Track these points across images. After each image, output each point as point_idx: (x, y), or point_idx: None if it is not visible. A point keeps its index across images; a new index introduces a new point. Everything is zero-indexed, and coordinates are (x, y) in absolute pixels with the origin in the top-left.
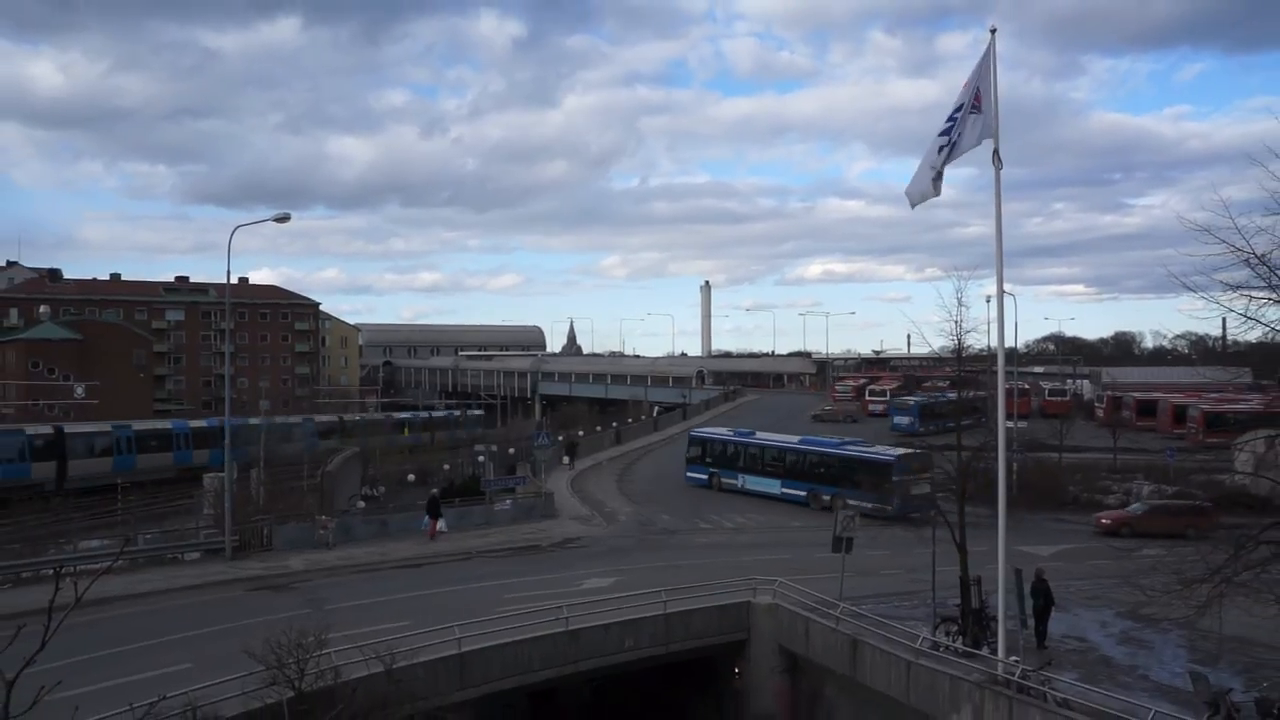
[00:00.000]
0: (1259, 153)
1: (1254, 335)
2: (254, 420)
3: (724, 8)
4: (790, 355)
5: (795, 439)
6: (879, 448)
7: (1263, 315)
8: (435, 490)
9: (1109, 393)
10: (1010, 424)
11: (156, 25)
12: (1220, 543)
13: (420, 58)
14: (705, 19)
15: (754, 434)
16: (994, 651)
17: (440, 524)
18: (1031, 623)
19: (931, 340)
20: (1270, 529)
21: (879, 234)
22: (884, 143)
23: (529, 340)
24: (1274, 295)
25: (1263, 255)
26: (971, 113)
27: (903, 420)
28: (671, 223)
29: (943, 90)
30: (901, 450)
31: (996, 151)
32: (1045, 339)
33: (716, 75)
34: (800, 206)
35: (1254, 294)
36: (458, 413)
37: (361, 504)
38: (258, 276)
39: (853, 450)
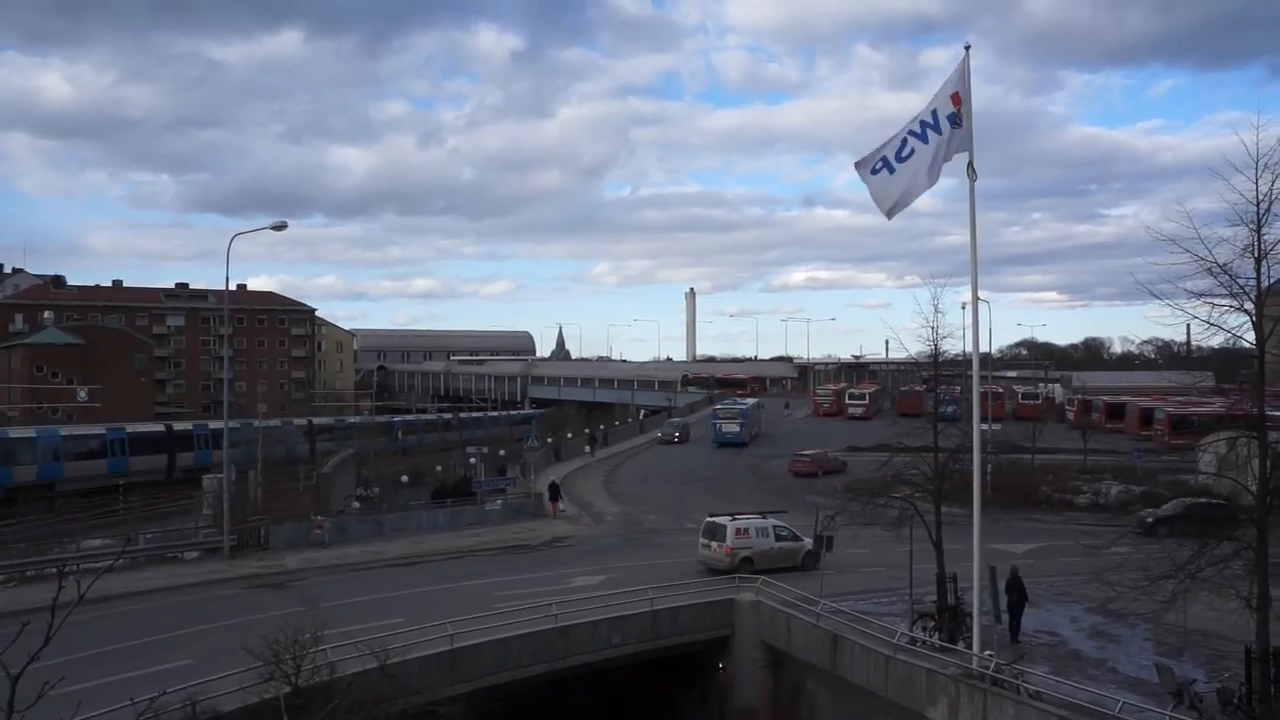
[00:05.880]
0: (1222, 167)
1: (1216, 341)
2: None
3: (715, 21)
4: (772, 360)
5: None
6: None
7: (1224, 321)
8: (555, 479)
9: (1079, 396)
10: (985, 426)
11: (163, 38)
12: (1185, 540)
13: (420, 70)
14: (698, 32)
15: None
16: (969, 646)
17: (561, 505)
18: (1005, 618)
19: (909, 346)
20: (1232, 526)
21: (861, 242)
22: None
23: (519, 345)
24: (1235, 303)
25: (1225, 264)
26: (954, 127)
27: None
28: (661, 231)
29: (926, 103)
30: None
31: (971, 164)
32: (1018, 344)
33: (707, 87)
34: (786, 215)
35: (1216, 301)
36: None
37: (356, 504)
38: (256, 283)
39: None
